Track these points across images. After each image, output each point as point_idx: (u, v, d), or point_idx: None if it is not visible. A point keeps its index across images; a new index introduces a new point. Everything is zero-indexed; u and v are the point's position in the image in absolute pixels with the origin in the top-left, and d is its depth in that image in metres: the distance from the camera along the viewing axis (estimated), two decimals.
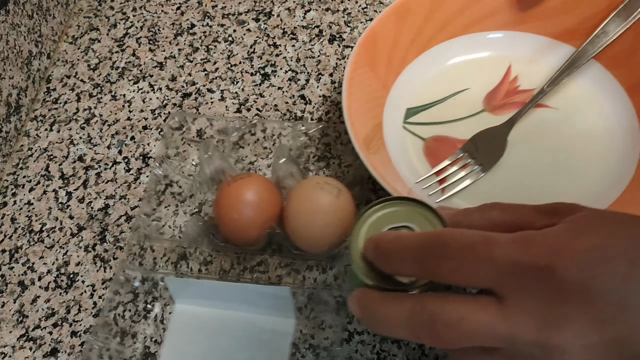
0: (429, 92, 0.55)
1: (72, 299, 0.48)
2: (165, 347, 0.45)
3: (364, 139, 0.48)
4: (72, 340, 0.46)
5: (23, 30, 0.58)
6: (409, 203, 0.38)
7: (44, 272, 0.50)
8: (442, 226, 0.36)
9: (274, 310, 0.45)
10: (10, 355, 0.46)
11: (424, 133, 0.53)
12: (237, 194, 0.45)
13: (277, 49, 0.62)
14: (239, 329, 0.45)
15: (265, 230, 0.45)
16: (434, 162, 0.51)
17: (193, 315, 0.46)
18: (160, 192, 0.53)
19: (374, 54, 0.53)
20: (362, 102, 0.50)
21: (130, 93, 0.60)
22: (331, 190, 0.44)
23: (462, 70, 0.57)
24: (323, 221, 0.44)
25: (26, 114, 0.59)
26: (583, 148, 0.51)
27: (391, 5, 0.54)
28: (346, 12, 0.64)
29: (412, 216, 0.37)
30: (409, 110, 0.54)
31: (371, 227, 0.37)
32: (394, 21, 0.54)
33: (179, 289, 0.46)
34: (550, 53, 0.56)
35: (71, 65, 0.63)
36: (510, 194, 0.49)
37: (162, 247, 0.50)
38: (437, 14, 0.56)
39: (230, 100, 0.58)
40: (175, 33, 0.64)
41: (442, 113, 0.54)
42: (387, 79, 0.54)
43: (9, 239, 0.52)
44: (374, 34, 0.53)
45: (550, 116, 0.53)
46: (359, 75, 0.51)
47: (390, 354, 0.44)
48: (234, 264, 0.49)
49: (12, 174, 0.56)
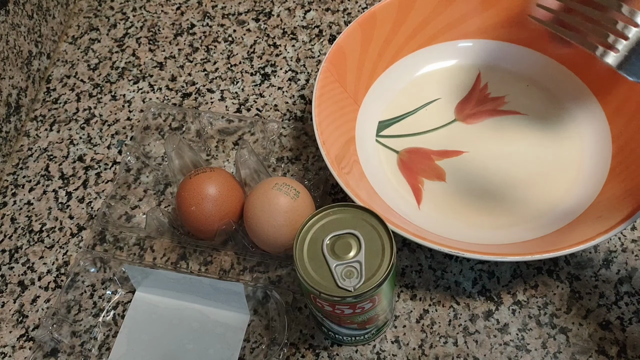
0: (400, 104, 0.55)
1: (72, 299, 0.48)
2: (121, 333, 0.46)
3: (336, 156, 0.47)
4: (72, 340, 0.46)
5: (23, 30, 0.58)
6: (353, 209, 0.39)
7: (44, 272, 0.50)
8: (386, 232, 0.38)
9: (229, 305, 0.46)
10: (10, 355, 0.46)
11: (397, 146, 0.53)
12: (197, 187, 0.46)
13: (277, 49, 0.62)
14: (195, 321, 0.46)
15: (222, 225, 0.46)
16: (408, 175, 0.51)
17: (151, 304, 0.47)
18: (132, 182, 0.53)
19: (343, 69, 0.52)
20: (334, 119, 0.50)
21: (130, 93, 0.60)
22: (289, 191, 0.45)
23: (432, 80, 0.56)
24: (278, 222, 0.44)
25: (26, 114, 0.59)
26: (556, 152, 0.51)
27: (356, 18, 0.53)
28: (346, 12, 0.64)
29: (356, 223, 0.38)
30: (381, 124, 0.54)
31: (315, 234, 0.38)
32: (361, 34, 0.53)
33: (139, 277, 0.47)
34: (517, 59, 0.55)
35: (71, 65, 0.63)
36: (474, 201, 0.49)
37: (131, 236, 0.50)
38: (404, 25, 0.54)
39: (230, 100, 0.58)
40: (175, 33, 0.64)
41: (414, 124, 0.54)
42: (358, 93, 0.53)
43: (9, 239, 0.52)
44: (341, 49, 0.52)
45: (522, 122, 0.53)
46: (328, 92, 0.50)
47: (390, 354, 0.44)
48: (234, 264, 0.49)
49: (12, 174, 0.56)
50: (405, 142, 0.53)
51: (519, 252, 0.42)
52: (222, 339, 0.45)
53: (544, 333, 0.44)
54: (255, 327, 0.46)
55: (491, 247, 0.45)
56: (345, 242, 0.38)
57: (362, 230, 0.38)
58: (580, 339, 0.44)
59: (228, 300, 0.45)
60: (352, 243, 0.38)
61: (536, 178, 0.50)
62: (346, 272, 0.37)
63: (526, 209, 0.49)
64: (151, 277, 0.46)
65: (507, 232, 0.47)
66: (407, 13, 0.54)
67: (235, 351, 0.45)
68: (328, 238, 0.38)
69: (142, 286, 0.48)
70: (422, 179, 0.51)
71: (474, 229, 0.48)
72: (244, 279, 0.48)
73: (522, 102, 0.54)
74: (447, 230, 0.47)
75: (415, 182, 0.51)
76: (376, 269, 0.37)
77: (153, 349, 0.45)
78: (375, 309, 0.39)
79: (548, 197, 0.49)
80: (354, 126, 0.52)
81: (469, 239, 0.46)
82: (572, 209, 0.47)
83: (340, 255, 0.37)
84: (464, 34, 0.56)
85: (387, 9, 0.54)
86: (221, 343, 0.45)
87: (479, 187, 0.50)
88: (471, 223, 0.48)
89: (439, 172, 0.51)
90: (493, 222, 0.48)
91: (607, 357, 0.43)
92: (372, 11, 0.53)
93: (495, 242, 0.46)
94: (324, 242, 0.38)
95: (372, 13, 0.53)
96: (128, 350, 0.46)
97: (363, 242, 0.38)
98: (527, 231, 0.47)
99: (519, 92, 0.55)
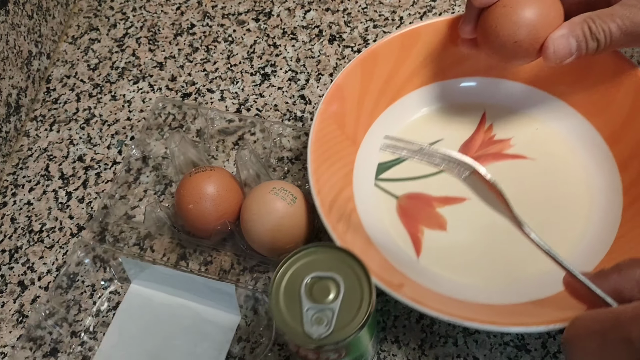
0: None
1: (72, 299, 0.48)
2: (113, 324, 0.47)
3: (331, 204, 0.45)
4: (72, 340, 0.46)
5: (23, 30, 0.58)
6: (333, 250, 0.37)
7: (44, 272, 0.50)
8: (365, 276, 0.36)
9: (220, 305, 0.46)
10: (10, 355, 0.46)
11: (397, 190, 0.50)
12: (195, 185, 0.47)
13: (277, 49, 0.62)
14: (186, 318, 0.47)
15: (219, 224, 0.46)
16: (408, 222, 0.48)
17: (145, 297, 0.48)
18: (133, 178, 0.53)
19: (341, 110, 0.50)
20: (331, 163, 0.47)
21: (130, 93, 0.60)
22: (285, 196, 0.45)
23: (435, 120, 0.53)
24: (274, 226, 0.44)
25: (26, 114, 0.59)
26: (563, 203, 0.48)
27: (357, 57, 0.50)
28: (346, 12, 0.64)
29: (335, 265, 0.36)
30: (381, 166, 0.51)
31: (297, 270, 0.36)
32: (361, 73, 0.51)
33: (135, 270, 0.47)
34: (525, 100, 0.53)
35: (71, 65, 0.63)
36: (476, 254, 0.46)
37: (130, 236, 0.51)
38: (407, 62, 0.52)
39: (230, 100, 0.58)
40: (175, 33, 0.64)
41: (415, 167, 0.50)
42: (357, 134, 0.51)
43: (9, 239, 0.52)
44: (340, 89, 0.49)
45: (528, 167, 0.50)
46: (325, 136, 0.48)
47: (390, 354, 0.44)
48: (234, 264, 0.49)
49: (12, 174, 0.56)
50: (405, 187, 0.50)
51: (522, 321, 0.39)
52: (210, 338, 0.45)
53: (544, 333, 0.44)
54: (255, 327, 0.46)
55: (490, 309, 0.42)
56: (324, 285, 0.36)
57: (344, 277, 0.36)
58: None
59: (220, 300, 0.46)
60: (332, 288, 0.35)
61: (543, 229, 0.46)
62: (317, 317, 0.35)
63: (528, 266, 0.45)
64: (147, 271, 0.47)
65: (509, 290, 0.44)
66: (410, 50, 0.52)
67: (222, 351, 0.45)
68: (309, 277, 0.36)
69: (138, 279, 0.48)
70: (423, 227, 0.48)
71: (475, 284, 0.45)
72: (244, 279, 0.48)
73: (529, 146, 0.51)
74: (446, 284, 0.44)
75: (415, 231, 0.48)
76: (349, 322, 0.34)
77: (142, 341, 0.46)
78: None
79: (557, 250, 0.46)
80: (352, 170, 0.49)
81: (468, 295, 0.44)
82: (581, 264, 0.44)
83: (316, 299, 0.35)
84: (469, 71, 0.53)
85: (389, 47, 0.51)
86: (209, 342, 0.45)
87: (481, 238, 0.47)
88: (472, 278, 0.45)
89: (440, 221, 0.48)
90: (496, 278, 0.45)
91: None
92: (373, 49, 0.51)
93: (496, 302, 0.43)
94: (304, 281, 0.36)
95: (373, 51, 0.51)
96: (119, 341, 0.46)
97: (342, 289, 0.35)
98: (533, 289, 0.44)
99: (526, 135, 0.51)
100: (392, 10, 0.63)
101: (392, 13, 0.63)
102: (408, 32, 0.52)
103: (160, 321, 0.47)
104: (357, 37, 0.61)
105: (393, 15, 0.62)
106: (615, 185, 0.47)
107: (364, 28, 0.62)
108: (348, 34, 0.62)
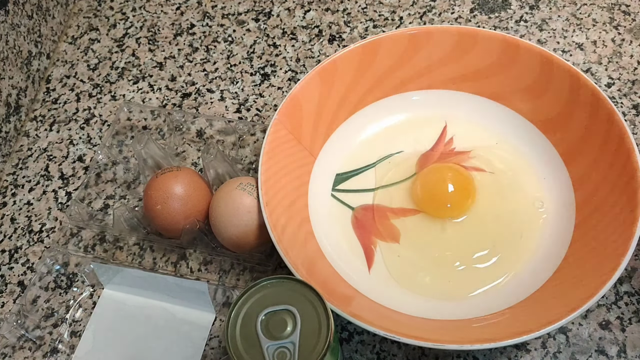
0: (361, 156, 0.52)
1: (72, 299, 0.48)
2: (87, 330, 0.47)
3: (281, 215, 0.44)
4: (72, 340, 0.46)
5: (23, 30, 0.58)
6: (292, 282, 0.36)
7: (44, 272, 0.50)
8: (319, 300, 0.35)
9: (194, 304, 0.46)
10: (10, 355, 0.46)
11: (354, 202, 0.49)
12: (162, 186, 0.47)
13: (277, 49, 0.62)
14: (161, 319, 0.47)
15: (187, 223, 0.46)
16: (362, 235, 0.48)
17: (119, 301, 0.48)
18: (102, 181, 0.53)
19: (298, 120, 0.49)
20: (285, 173, 0.47)
21: (130, 93, 0.60)
22: (252, 191, 0.45)
23: (396, 132, 0.53)
24: (242, 221, 0.44)
25: (26, 114, 0.59)
26: (517, 217, 0.48)
27: (315, 68, 0.50)
28: (346, 12, 0.64)
29: (293, 297, 0.36)
30: (339, 176, 0.51)
31: (250, 309, 0.36)
32: (319, 83, 0.50)
33: (107, 275, 0.47)
34: (486, 113, 0.52)
35: (71, 66, 0.63)
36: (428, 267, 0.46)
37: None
38: (368, 73, 0.51)
39: (230, 100, 0.58)
40: (175, 33, 0.64)
41: (373, 178, 0.50)
42: (314, 145, 0.50)
43: (9, 239, 0.52)
44: (296, 100, 0.49)
45: (486, 180, 0.50)
46: (279, 146, 0.48)
47: (390, 354, 0.44)
48: (234, 264, 0.49)
49: (12, 174, 0.56)
50: (362, 198, 0.50)
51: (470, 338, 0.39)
52: (186, 337, 0.46)
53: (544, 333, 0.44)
54: None
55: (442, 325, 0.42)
56: (280, 319, 0.35)
57: (299, 307, 0.35)
58: (579, 339, 0.44)
59: (193, 299, 0.46)
60: (288, 320, 0.35)
61: (495, 245, 0.46)
62: (279, 353, 0.34)
63: (481, 279, 0.45)
64: (119, 275, 0.47)
65: (460, 304, 0.44)
66: (371, 62, 0.51)
67: (199, 349, 0.45)
68: (263, 314, 0.35)
69: (111, 284, 0.48)
70: (376, 240, 0.47)
71: (426, 298, 0.45)
72: (244, 279, 0.48)
73: (488, 159, 0.51)
74: (397, 298, 0.44)
75: (368, 242, 0.47)
76: (311, 350, 0.34)
77: (118, 345, 0.46)
78: None
79: (504, 266, 0.45)
80: (308, 180, 0.49)
81: (420, 310, 0.43)
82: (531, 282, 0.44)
83: (274, 335, 0.34)
84: (431, 83, 0.53)
85: (349, 57, 0.51)
86: (186, 341, 0.46)
87: (434, 251, 0.47)
88: (423, 292, 0.45)
89: (393, 233, 0.48)
90: (447, 292, 0.45)
91: (607, 357, 0.43)
92: (333, 60, 0.50)
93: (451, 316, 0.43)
94: (259, 319, 0.35)
95: (333, 62, 0.50)
96: (93, 347, 0.46)
97: (299, 320, 0.35)
98: (485, 303, 0.44)
99: (486, 149, 0.51)
100: (391, 10, 0.63)
101: (391, 13, 0.63)
102: (368, 44, 0.51)
103: (135, 324, 0.47)
104: (357, 37, 0.61)
105: (393, 15, 0.63)
106: (570, 202, 0.47)
107: (363, 28, 0.62)
108: (348, 34, 0.62)
